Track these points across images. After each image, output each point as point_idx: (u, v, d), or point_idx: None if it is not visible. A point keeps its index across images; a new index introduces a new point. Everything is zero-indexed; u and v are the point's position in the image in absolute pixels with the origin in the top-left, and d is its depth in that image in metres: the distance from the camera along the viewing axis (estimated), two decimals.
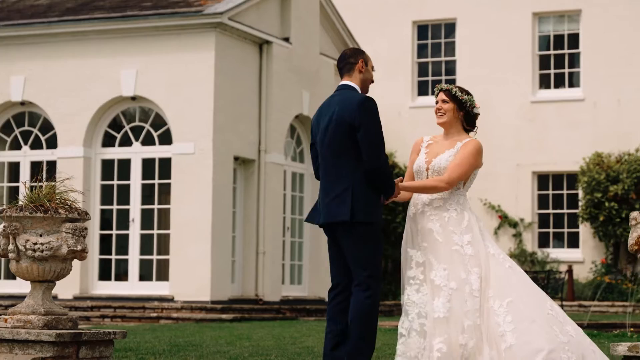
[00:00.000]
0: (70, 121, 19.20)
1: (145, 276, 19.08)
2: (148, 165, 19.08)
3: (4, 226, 6.96)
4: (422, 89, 26.18)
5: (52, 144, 19.60)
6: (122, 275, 19.21)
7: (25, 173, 19.61)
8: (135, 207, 19.06)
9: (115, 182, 19.22)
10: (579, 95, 24.75)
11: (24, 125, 20.01)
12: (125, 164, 19.19)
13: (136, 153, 19.15)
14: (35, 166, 19.42)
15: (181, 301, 18.15)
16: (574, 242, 24.71)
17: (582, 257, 24.30)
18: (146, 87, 18.84)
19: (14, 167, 20.06)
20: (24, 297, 8.65)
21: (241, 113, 19.24)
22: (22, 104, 19.80)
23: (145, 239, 19.07)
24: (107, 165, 19.34)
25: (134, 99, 19.10)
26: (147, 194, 19.13)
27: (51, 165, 19.13)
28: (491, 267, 7.19)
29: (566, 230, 24.81)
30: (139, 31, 18.94)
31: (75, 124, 19.16)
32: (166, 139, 18.93)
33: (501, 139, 24.78)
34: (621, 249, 23.67)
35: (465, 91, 7.48)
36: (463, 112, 7.48)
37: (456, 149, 7.37)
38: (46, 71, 19.39)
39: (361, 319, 7.06)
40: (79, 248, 6.95)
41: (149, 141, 19.13)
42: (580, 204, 24.07)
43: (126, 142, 19.29)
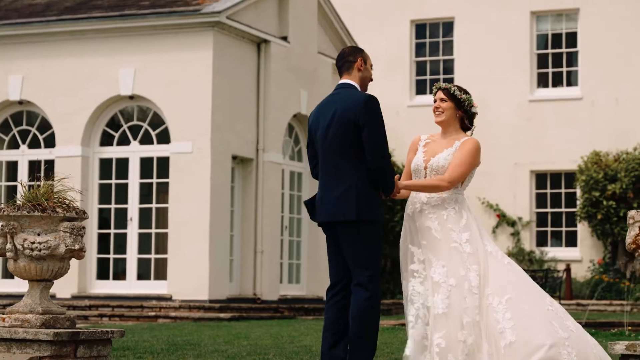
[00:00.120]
0: (68, 120, 19.19)
1: (143, 275, 19.08)
2: (146, 164, 19.08)
3: (2, 225, 6.95)
4: (420, 88, 26.18)
5: (50, 143, 19.60)
6: (120, 274, 19.21)
7: (23, 172, 19.60)
8: (133, 206, 19.06)
9: (113, 181, 19.22)
10: (576, 94, 24.75)
11: (22, 124, 20.00)
12: (123, 163, 19.19)
13: (134, 152, 19.14)
14: (33, 165, 19.41)
15: (179, 300, 18.14)
16: (572, 240, 24.71)
17: (580, 256, 24.30)
18: (144, 86, 18.83)
19: (12, 166, 20.06)
20: (21, 296, 8.66)
21: (239, 112, 19.24)
22: (20, 103, 19.80)
23: (143, 238, 19.06)
24: (105, 164, 19.33)
25: (132, 98, 19.10)
26: (145, 193, 19.13)
27: (49, 164, 19.12)
28: (490, 265, 7.20)
29: (564, 229, 24.81)
30: (137, 30, 18.94)
31: (73, 123, 19.16)
32: (164, 138, 18.93)
33: (499, 137, 24.78)
34: (619, 248, 23.68)
35: (463, 90, 7.48)
36: (461, 111, 7.47)
37: (454, 147, 7.36)
38: (44, 70, 19.38)
39: (361, 319, 7.02)
40: (76, 247, 6.95)
41: (147, 140, 19.13)
42: (578, 202, 24.07)
43: (124, 141, 19.28)
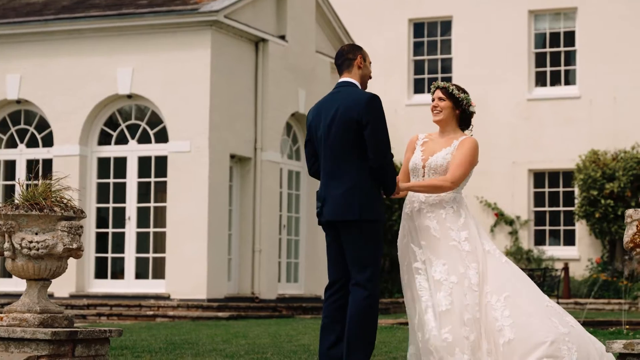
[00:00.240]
0: (66, 119, 19.19)
1: (141, 274, 19.08)
2: (144, 163, 19.07)
3: (0, 224, 6.95)
4: (418, 87, 26.17)
5: (48, 142, 19.59)
6: (118, 274, 19.20)
7: (21, 171, 19.59)
8: (132, 205, 19.05)
9: (112, 180, 19.21)
10: (575, 93, 24.75)
11: (19, 123, 20.00)
12: (121, 162, 19.18)
13: (132, 151, 19.14)
14: (31, 164, 19.40)
15: (177, 299, 18.14)
16: (570, 239, 24.71)
17: (578, 255, 24.30)
18: (142, 85, 18.83)
19: (10, 166, 20.05)
20: (19, 296, 8.65)
21: (237, 111, 19.23)
22: (18, 102, 19.79)
23: (142, 237, 19.06)
24: (103, 163, 19.33)
25: (130, 97, 19.09)
26: (143, 192, 19.13)
27: (47, 163, 19.12)
28: (488, 263, 7.20)
29: (562, 228, 24.82)
30: (134, 29, 18.93)
31: (71, 122, 19.15)
32: (162, 137, 18.92)
33: (497, 136, 24.77)
34: (617, 247, 23.68)
35: (461, 89, 7.48)
36: (459, 110, 7.47)
37: (453, 147, 7.36)
38: (42, 69, 19.37)
39: (359, 318, 6.98)
40: (74, 246, 6.94)
41: (145, 139, 19.12)
42: (576, 201, 24.07)
43: (122, 140, 19.28)
